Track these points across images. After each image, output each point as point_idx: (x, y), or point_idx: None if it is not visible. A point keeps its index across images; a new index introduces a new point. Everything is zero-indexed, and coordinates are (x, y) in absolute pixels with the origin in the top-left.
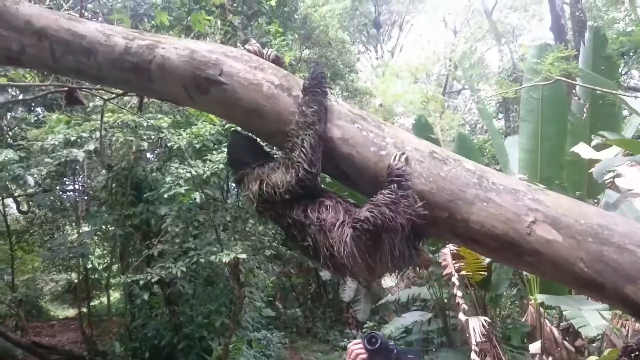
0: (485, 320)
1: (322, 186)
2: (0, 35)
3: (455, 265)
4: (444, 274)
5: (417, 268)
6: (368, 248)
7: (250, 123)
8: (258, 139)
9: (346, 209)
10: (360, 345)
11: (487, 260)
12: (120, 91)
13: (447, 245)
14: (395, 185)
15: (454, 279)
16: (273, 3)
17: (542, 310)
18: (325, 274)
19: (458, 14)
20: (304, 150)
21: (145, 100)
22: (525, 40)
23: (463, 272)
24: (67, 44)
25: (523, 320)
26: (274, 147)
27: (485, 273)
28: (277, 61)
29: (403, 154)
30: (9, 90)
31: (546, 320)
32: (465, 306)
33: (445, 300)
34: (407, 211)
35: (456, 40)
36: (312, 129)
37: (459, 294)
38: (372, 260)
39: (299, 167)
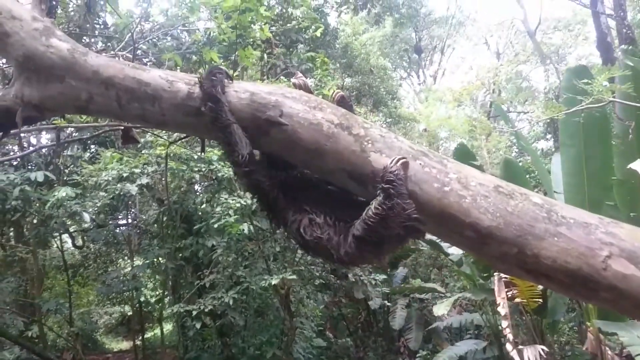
0: (542, 350)
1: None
2: (70, 86)
3: (508, 292)
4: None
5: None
6: (370, 252)
7: (310, 163)
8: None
9: (338, 221)
10: None
11: (541, 286)
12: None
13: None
14: (383, 196)
15: (500, 309)
16: (318, 34)
17: (602, 337)
18: (373, 303)
19: (500, 36)
20: (225, 144)
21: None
22: (571, 59)
23: (517, 300)
24: (132, 92)
25: (583, 348)
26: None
27: (541, 300)
28: (342, 102)
29: (402, 158)
30: (66, 130)
31: (607, 348)
32: (511, 336)
33: (500, 328)
34: (398, 221)
35: (499, 63)
36: (217, 124)
37: (505, 323)
38: (373, 257)
39: (232, 157)
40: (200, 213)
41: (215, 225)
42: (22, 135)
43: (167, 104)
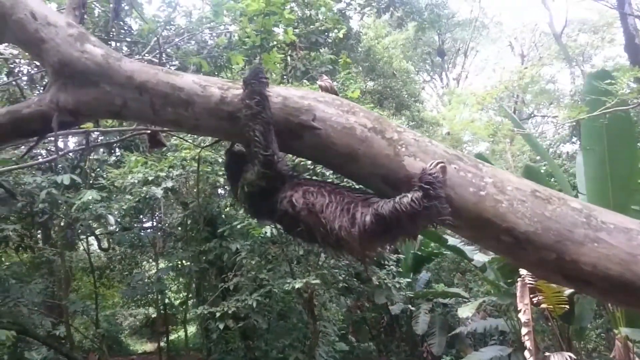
0: (569, 357)
1: (305, 175)
2: (104, 91)
3: (533, 298)
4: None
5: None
6: (377, 233)
7: (344, 167)
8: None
9: (333, 191)
10: None
11: (568, 292)
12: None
13: (521, 277)
14: (421, 195)
15: (522, 315)
16: (341, 35)
17: (630, 344)
18: (395, 308)
19: (525, 38)
20: (256, 138)
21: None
22: (598, 61)
23: (543, 305)
24: (166, 97)
25: (611, 355)
26: None
27: (567, 306)
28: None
29: (441, 162)
30: (92, 133)
31: (636, 356)
32: (529, 343)
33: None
34: (427, 220)
35: (523, 66)
36: (259, 118)
37: (525, 330)
38: (377, 241)
39: (258, 154)
40: (224, 216)
41: (239, 227)
42: (50, 138)
43: (200, 108)
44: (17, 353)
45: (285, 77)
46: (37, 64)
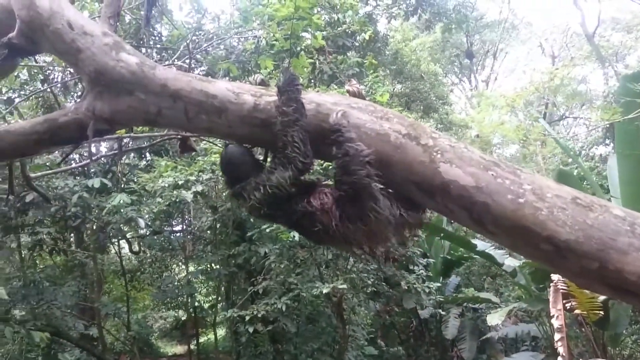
0: None
1: (318, 178)
2: (139, 99)
3: (566, 304)
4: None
5: (412, 229)
6: (357, 213)
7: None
8: (252, 150)
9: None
10: None
11: (602, 297)
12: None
13: (554, 282)
14: (335, 147)
15: (554, 321)
16: (367, 37)
17: None
18: (424, 312)
19: (555, 39)
20: (295, 144)
21: None
22: (631, 61)
23: (577, 311)
24: (200, 105)
25: None
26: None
27: (602, 312)
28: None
29: (340, 110)
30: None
31: None
32: (562, 350)
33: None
34: (357, 162)
35: (554, 67)
36: (297, 125)
37: (557, 336)
38: (365, 223)
39: (296, 160)
40: (252, 220)
41: (267, 230)
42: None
43: (233, 115)
44: (51, 355)
45: (312, 81)
46: (71, 71)
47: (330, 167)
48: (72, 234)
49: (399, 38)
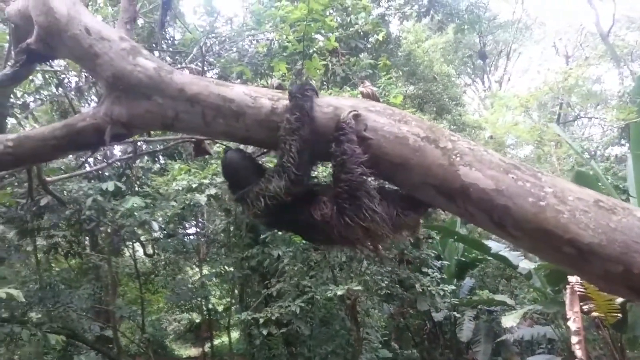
0: None
1: (322, 182)
2: (156, 104)
3: (583, 306)
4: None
5: (409, 229)
6: (354, 211)
7: (395, 177)
8: (252, 155)
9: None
10: None
11: (620, 300)
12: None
13: (570, 284)
14: (334, 144)
15: (571, 323)
16: (381, 38)
17: None
18: (438, 315)
19: (569, 38)
20: (291, 155)
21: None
22: None
23: (594, 314)
24: (217, 109)
25: None
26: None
27: (620, 314)
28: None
29: (353, 111)
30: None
31: None
32: (579, 352)
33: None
34: (354, 161)
35: (568, 67)
36: (297, 134)
37: (575, 339)
38: (362, 220)
39: (289, 170)
40: None
41: (280, 233)
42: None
43: (251, 119)
44: (67, 357)
45: (325, 83)
46: (86, 75)
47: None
48: (86, 237)
49: (412, 39)
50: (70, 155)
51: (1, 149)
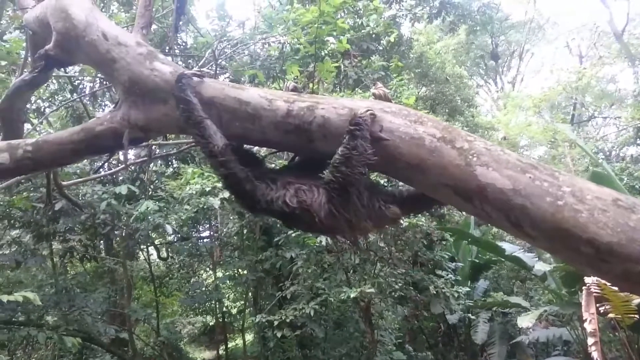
0: None
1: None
2: (173, 107)
3: (600, 308)
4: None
5: (390, 223)
6: (341, 203)
7: (411, 177)
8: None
9: (315, 188)
10: None
11: (637, 301)
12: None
13: (586, 285)
14: (348, 137)
15: (587, 325)
16: (392, 39)
17: None
18: (452, 317)
19: (583, 38)
20: (204, 132)
21: None
22: None
23: (610, 315)
24: (233, 112)
25: None
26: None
27: (637, 315)
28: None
29: (370, 111)
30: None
31: None
32: (596, 354)
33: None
34: (360, 160)
35: (582, 66)
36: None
37: (591, 340)
38: (347, 213)
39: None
40: (279, 225)
41: (294, 235)
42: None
43: (267, 122)
44: None
45: (337, 85)
46: (100, 79)
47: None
48: (101, 241)
49: (423, 41)
50: (85, 160)
51: (21, 154)
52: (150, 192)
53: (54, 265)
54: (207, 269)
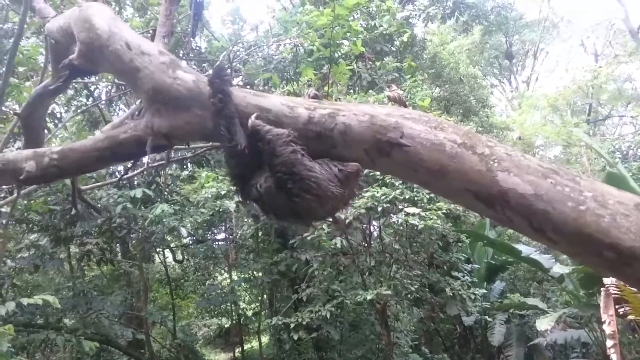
0: None
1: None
2: (196, 115)
3: (619, 309)
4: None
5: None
6: (298, 185)
7: (432, 183)
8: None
9: None
10: None
11: None
12: None
13: (605, 287)
14: (260, 144)
15: (606, 327)
16: (405, 39)
17: None
18: (468, 319)
19: (598, 36)
20: (232, 128)
21: None
22: None
23: (630, 317)
24: None
25: None
26: None
27: None
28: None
29: (254, 114)
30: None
31: None
32: (615, 357)
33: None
34: (282, 142)
35: (597, 65)
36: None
37: (610, 343)
38: (310, 189)
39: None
40: (294, 227)
41: (309, 238)
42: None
43: (288, 129)
44: None
45: (351, 87)
46: (117, 84)
47: None
48: (118, 245)
49: (437, 41)
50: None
51: (47, 162)
52: (165, 196)
53: (72, 269)
54: (223, 272)
